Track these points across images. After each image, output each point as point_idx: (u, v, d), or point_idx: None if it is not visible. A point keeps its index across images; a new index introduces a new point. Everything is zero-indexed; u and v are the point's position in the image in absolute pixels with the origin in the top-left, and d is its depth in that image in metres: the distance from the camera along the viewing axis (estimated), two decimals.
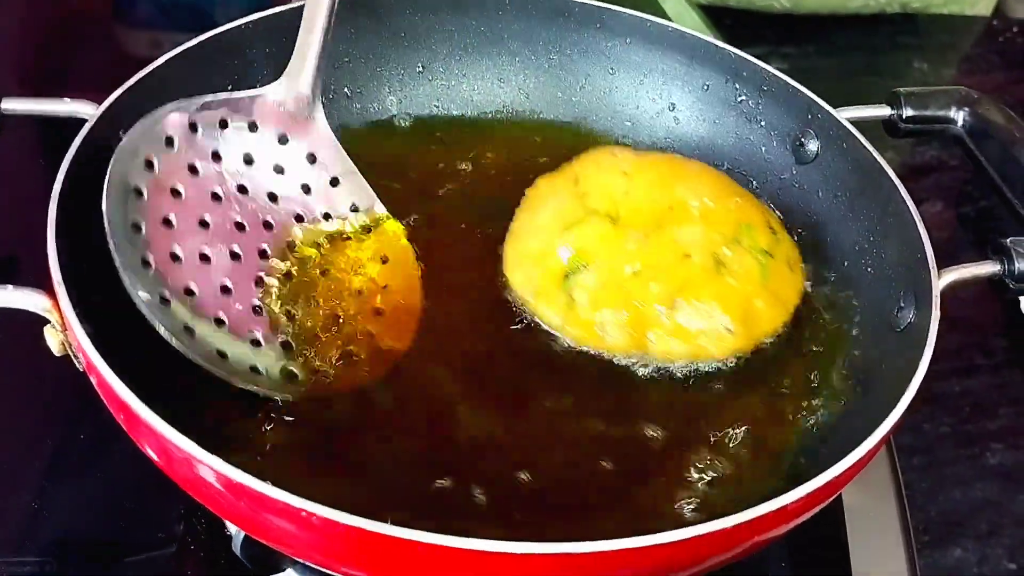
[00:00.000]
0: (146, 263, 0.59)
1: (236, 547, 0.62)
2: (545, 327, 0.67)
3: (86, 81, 1.00)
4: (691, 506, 0.59)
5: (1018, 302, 0.85)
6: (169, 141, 0.63)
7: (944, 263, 0.63)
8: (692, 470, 0.61)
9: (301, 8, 0.73)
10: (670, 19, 0.98)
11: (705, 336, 0.66)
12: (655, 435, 0.63)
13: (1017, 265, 0.64)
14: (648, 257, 0.67)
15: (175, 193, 0.62)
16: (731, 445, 0.63)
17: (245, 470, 0.47)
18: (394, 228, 0.70)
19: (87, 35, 1.08)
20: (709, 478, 0.61)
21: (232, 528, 0.63)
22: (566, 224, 0.70)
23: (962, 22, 1.27)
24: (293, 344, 0.63)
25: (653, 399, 0.65)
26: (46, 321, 0.55)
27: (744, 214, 0.71)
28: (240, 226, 0.65)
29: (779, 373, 0.68)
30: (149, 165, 0.62)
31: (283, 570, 0.62)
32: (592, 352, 0.66)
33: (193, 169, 0.64)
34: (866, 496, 0.68)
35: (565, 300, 0.67)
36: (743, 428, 0.64)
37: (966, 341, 0.85)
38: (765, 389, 0.67)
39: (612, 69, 0.83)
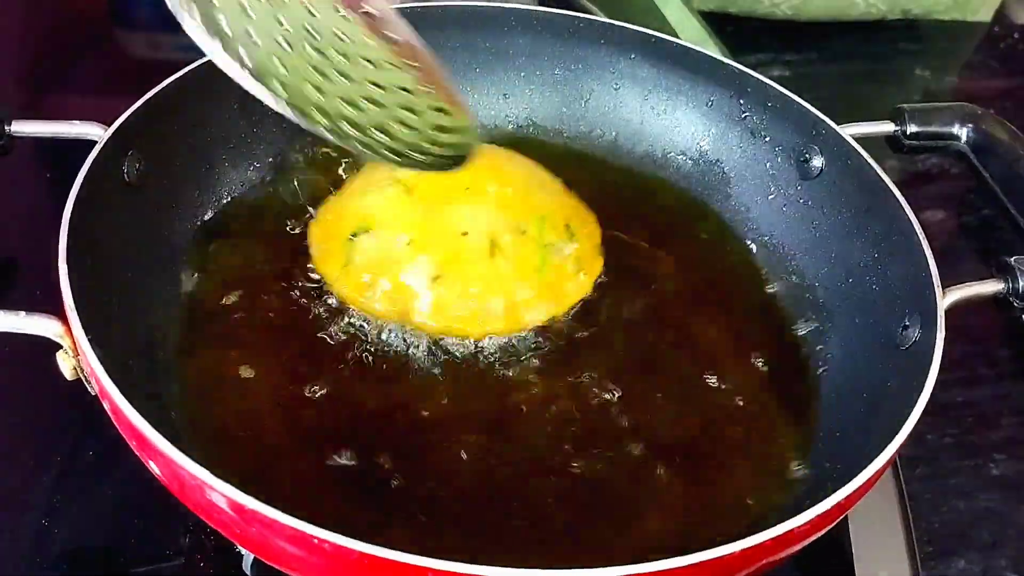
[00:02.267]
0: None
1: (246, 566, 0.62)
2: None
3: (85, 84, 1.01)
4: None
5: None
6: None
7: (945, 273, 0.63)
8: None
9: None
10: (671, 27, 0.98)
11: (461, 315, 0.67)
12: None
13: (1022, 284, 0.64)
14: (425, 229, 0.68)
15: None
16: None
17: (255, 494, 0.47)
18: None
19: (85, 38, 1.08)
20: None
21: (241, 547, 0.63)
22: (369, 188, 0.71)
23: (963, 28, 1.26)
24: None
25: None
26: (55, 342, 0.55)
27: (543, 208, 0.71)
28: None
29: (781, 388, 0.68)
30: None
31: None
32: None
33: None
34: (870, 506, 0.68)
35: (344, 260, 0.68)
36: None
37: (969, 352, 0.85)
38: (767, 404, 0.67)
39: (617, 85, 0.84)
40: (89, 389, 0.56)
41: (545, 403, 0.65)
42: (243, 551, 0.63)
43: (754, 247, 0.78)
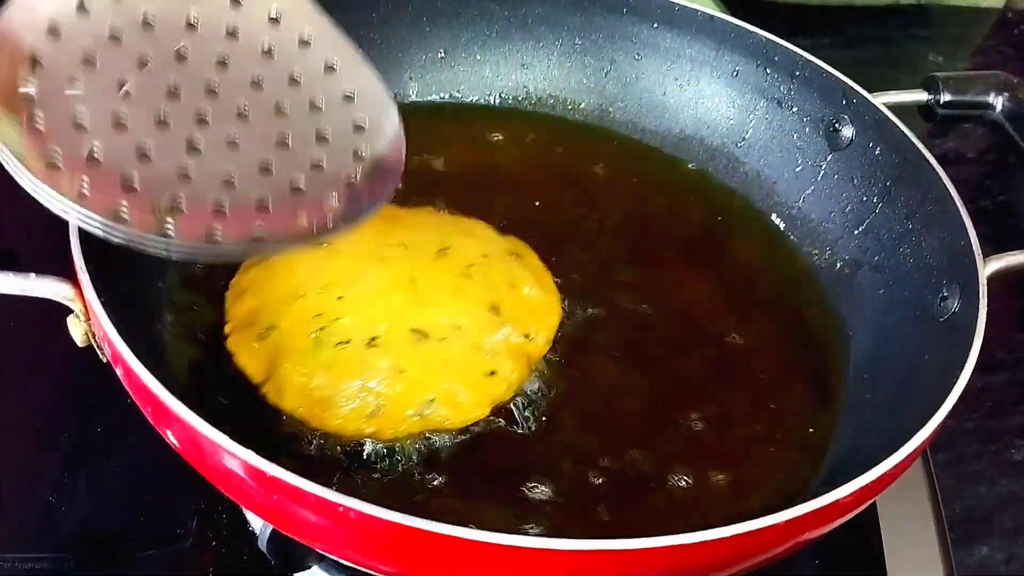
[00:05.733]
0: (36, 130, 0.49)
1: (262, 543, 0.61)
2: None
3: None
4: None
5: None
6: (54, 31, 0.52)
7: None
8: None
9: None
10: None
11: None
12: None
13: None
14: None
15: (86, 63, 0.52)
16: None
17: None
18: None
19: None
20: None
21: (256, 524, 0.62)
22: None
23: (974, 14, 1.26)
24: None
25: None
26: (62, 310, 0.54)
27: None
28: (174, 93, 0.54)
29: (815, 361, 0.67)
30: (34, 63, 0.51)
31: (309, 567, 0.61)
32: None
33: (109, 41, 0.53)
34: (899, 491, 0.67)
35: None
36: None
37: (988, 336, 0.84)
38: (803, 378, 0.66)
39: (639, 55, 0.82)
40: (101, 356, 0.55)
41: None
42: (256, 530, 0.62)
43: (781, 221, 0.77)
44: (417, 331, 0.59)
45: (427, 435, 0.58)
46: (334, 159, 0.57)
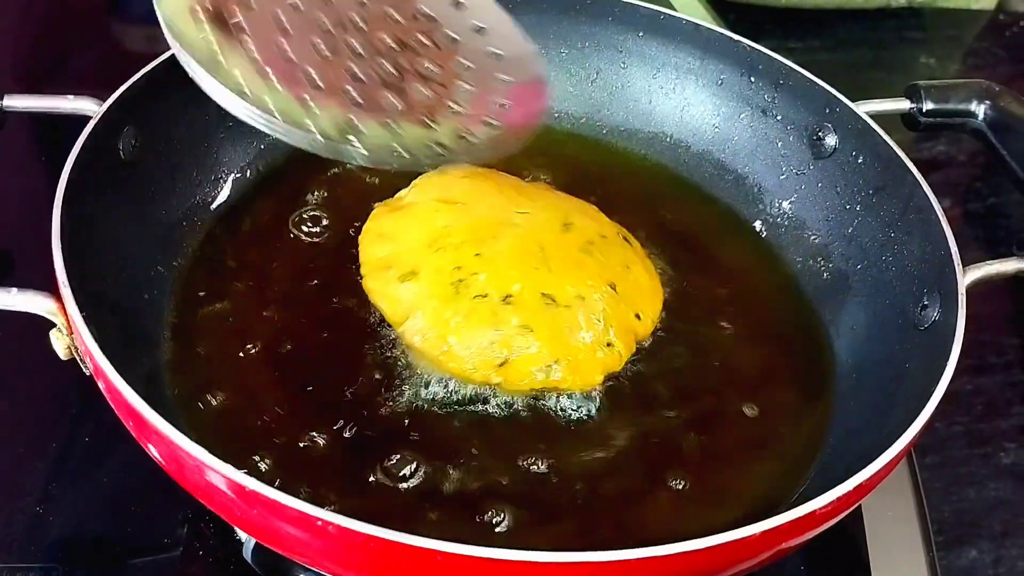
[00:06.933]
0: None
1: (247, 553, 0.61)
2: None
3: (82, 77, 1.00)
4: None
5: None
6: None
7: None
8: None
9: None
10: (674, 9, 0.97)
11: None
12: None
13: None
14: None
15: None
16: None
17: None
18: None
19: (83, 31, 1.07)
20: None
21: (243, 534, 0.62)
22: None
23: (967, 16, 1.26)
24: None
25: None
26: (50, 322, 0.54)
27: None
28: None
29: (799, 369, 0.67)
30: None
31: None
32: None
33: None
34: (884, 496, 0.67)
35: None
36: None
37: (978, 340, 0.84)
38: (786, 386, 0.66)
39: (624, 63, 0.82)
40: (84, 369, 0.55)
41: None
42: (243, 539, 0.62)
43: (765, 228, 0.77)
44: (547, 296, 0.63)
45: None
46: (481, 83, 0.63)
